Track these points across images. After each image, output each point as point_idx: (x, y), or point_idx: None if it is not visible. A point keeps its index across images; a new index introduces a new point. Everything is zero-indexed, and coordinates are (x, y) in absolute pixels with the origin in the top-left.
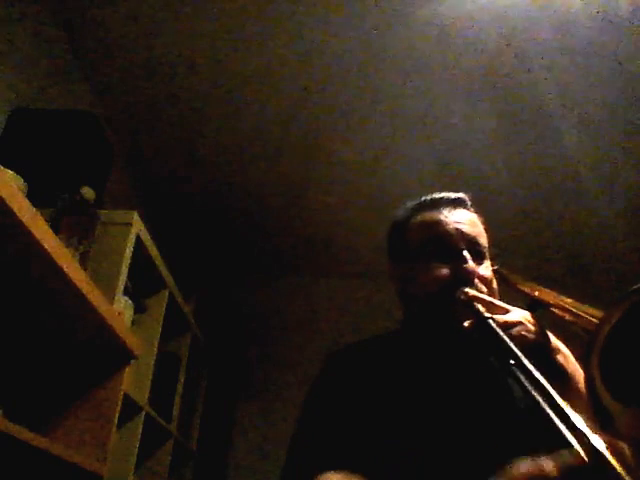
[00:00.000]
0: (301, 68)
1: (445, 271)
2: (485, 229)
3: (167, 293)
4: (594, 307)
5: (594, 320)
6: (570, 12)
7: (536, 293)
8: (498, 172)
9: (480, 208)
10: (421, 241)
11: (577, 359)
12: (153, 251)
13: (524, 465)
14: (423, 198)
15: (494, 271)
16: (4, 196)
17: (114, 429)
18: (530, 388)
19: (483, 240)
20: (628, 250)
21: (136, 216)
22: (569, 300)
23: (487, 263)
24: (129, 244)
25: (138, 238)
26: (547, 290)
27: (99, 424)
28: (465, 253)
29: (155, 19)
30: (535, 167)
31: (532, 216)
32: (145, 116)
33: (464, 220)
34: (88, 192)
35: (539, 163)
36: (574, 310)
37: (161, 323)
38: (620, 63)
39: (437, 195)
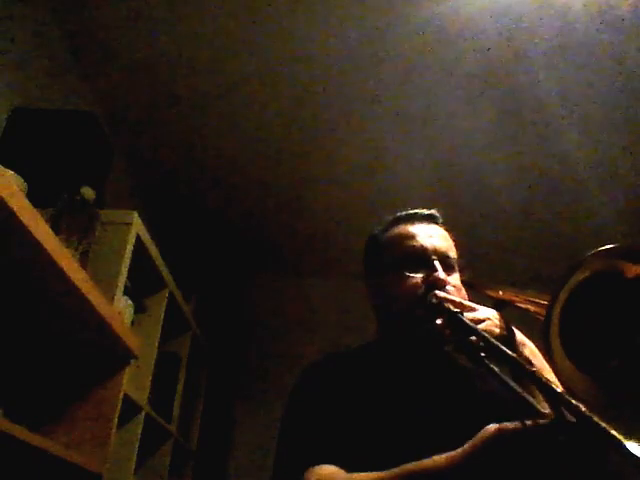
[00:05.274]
0: (301, 68)
1: (417, 279)
2: (455, 244)
3: (167, 293)
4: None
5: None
6: (570, 12)
7: (500, 293)
8: (498, 172)
9: (480, 208)
10: (395, 253)
11: (543, 354)
12: (153, 251)
13: (492, 427)
14: (398, 214)
15: (463, 282)
16: (4, 196)
17: (114, 429)
18: (503, 376)
19: (453, 253)
20: None
21: (136, 216)
22: (529, 292)
23: (456, 275)
24: (129, 244)
25: (138, 238)
26: (509, 288)
27: (99, 424)
28: (436, 263)
29: (155, 19)
30: (535, 167)
31: (532, 216)
32: (145, 116)
33: (436, 234)
34: (88, 192)
35: (539, 163)
36: (534, 300)
37: (161, 323)
38: (620, 63)
39: (411, 211)
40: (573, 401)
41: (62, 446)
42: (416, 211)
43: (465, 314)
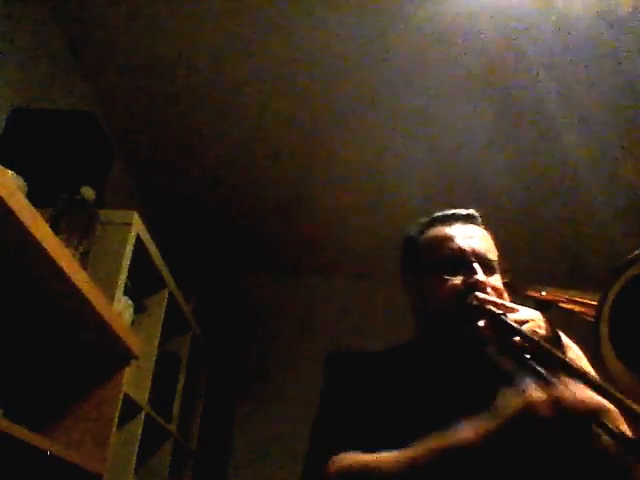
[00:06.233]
0: (301, 68)
1: (457, 282)
2: (495, 245)
3: (167, 293)
4: (596, 293)
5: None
6: (570, 12)
7: (542, 293)
8: (498, 172)
9: (480, 208)
10: (433, 255)
11: (588, 357)
12: (153, 251)
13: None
14: (435, 214)
15: (504, 284)
16: (4, 196)
17: (114, 429)
18: (549, 378)
19: (493, 255)
20: (628, 250)
21: (136, 216)
22: (572, 292)
23: (497, 276)
24: (129, 244)
25: (138, 238)
26: (551, 288)
27: (99, 424)
28: (476, 265)
29: (155, 19)
30: (535, 167)
31: (532, 216)
32: (145, 116)
33: (475, 235)
34: (88, 192)
35: (539, 163)
36: (579, 299)
37: (161, 323)
38: (620, 63)
39: (449, 211)
40: (627, 401)
41: (62, 446)
42: (454, 211)
43: (508, 315)
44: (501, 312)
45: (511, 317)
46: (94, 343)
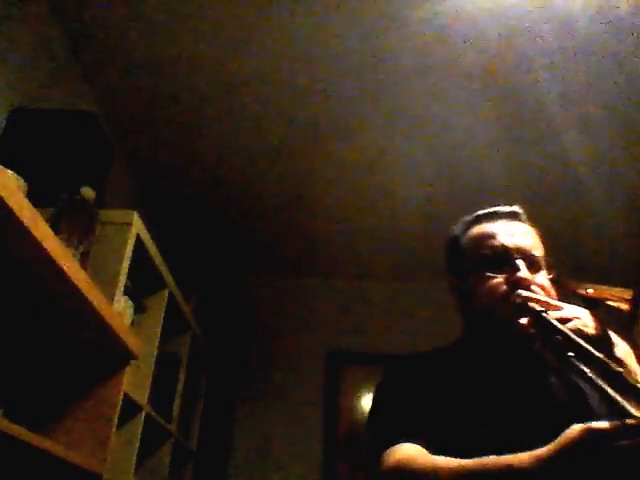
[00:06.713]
0: (301, 68)
1: (500, 280)
2: (541, 241)
3: (167, 293)
4: None
5: None
6: (570, 12)
7: (589, 291)
8: (498, 172)
9: (480, 208)
10: (477, 254)
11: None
12: (153, 251)
13: (579, 426)
14: (478, 212)
15: (552, 280)
16: (4, 196)
17: (114, 429)
18: (592, 375)
19: (538, 251)
20: (628, 250)
21: (136, 216)
22: (619, 289)
23: (543, 272)
24: (129, 244)
25: (138, 238)
26: (598, 285)
27: (99, 424)
28: (519, 262)
29: (155, 19)
30: (535, 167)
31: (532, 216)
32: (145, 116)
33: (518, 232)
34: (88, 192)
35: (539, 163)
36: (626, 297)
37: (161, 323)
38: (620, 63)
39: (492, 208)
40: None
41: (62, 446)
42: (497, 209)
43: (551, 313)
44: (543, 309)
45: (554, 315)
46: (94, 343)
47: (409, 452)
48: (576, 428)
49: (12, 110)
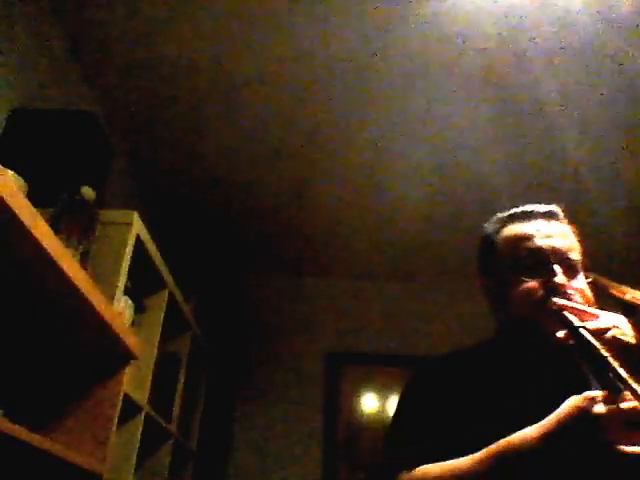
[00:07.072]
0: (301, 68)
1: (535, 285)
2: (579, 240)
3: (167, 293)
4: None
5: None
6: (570, 12)
7: (628, 297)
8: (498, 172)
9: (480, 208)
10: (511, 255)
11: None
12: (153, 251)
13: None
14: (513, 210)
15: (590, 283)
16: (4, 196)
17: (114, 429)
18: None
19: (575, 253)
20: (628, 250)
21: (136, 216)
22: None
23: (581, 276)
24: (129, 244)
25: (138, 238)
26: (636, 290)
27: (99, 424)
28: (555, 267)
29: (155, 19)
30: (535, 167)
31: None
32: (145, 116)
33: (555, 233)
34: (88, 192)
35: (539, 163)
36: None
37: (161, 323)
38: (620, 63)
39: (528, 207)
40: None
41: (62, 446)
42: (532, 208)
43: (587, 324)
44: (580, 325)
45: (590, 326)
46: (94, 343)
47: (422, 470)
48: (576, 397)
49: (12, 110)
